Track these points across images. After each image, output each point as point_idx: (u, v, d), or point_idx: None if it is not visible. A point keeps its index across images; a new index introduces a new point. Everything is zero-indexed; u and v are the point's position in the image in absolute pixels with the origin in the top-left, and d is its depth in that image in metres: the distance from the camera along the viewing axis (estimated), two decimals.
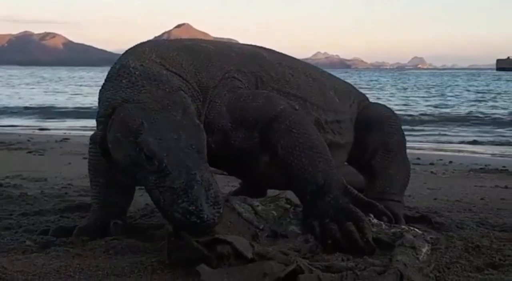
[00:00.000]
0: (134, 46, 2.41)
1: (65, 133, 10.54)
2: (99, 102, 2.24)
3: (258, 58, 2.64)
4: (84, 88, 31.41)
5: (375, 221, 2.16)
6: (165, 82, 2.15)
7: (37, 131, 11.24)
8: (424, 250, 1.98)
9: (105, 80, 2.26)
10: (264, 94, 2.42)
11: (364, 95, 3.27)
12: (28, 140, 8.15)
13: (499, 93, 28.02)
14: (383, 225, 2.15)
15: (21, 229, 2.56)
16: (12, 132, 10.42)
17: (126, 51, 2.37)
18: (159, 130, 1.98)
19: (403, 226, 2.19)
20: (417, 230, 2.14)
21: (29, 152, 6.66)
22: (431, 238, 2.08)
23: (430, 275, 1.91)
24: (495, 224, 2.93)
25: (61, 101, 21.76)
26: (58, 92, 28.13)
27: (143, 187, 3.93)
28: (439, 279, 1.92)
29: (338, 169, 2.75)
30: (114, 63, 2.30)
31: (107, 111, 2.13)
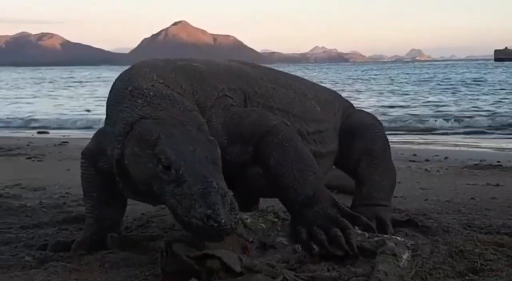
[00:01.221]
0: (133, 66, 2.47)
1: (64, 136, 10.63)
2: (111, 122, 2.31)
3: (244, 74, 2.73)
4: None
5: (359, 231, 2.24)
6: (179, 102, 2.25)
7: (36, 135, 11.34)
8: (404, 257, 2.06)
9: (115, 101, 2.32)
10: (257, 111, 2.55)
11: (349, 102, 3.35)
12: (28, 145, 8.23)
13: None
14: (367, 234, 2.23)
15: (20, 243, 2.64)
16: (11, 135, 10.48)
17: (129, 71, 2.42)
18: (175, 142, 2.07)
19: (385, 235, 2.27)
20: (398, 238, 2.22)
21: (28, 158, 6.74)
22: (411, 244, 2.16)
23: None
24: (482, 226, 3.01)
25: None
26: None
27: None
28: None
29: (326, 175, 2.85)
30: (117, 82, 2.38)
31: (126, 129, 2.20)
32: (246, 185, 2.67)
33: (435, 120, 13.43)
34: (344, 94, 3.58)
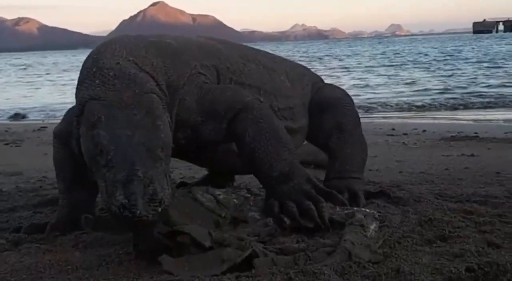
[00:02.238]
0: (103, 43, 2.43)
1: (43, 121, 10.56)
2: (76, 101, 2.30)
3: (215, 50, 2.71)
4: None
5: (331, 205, 2.28)
6: (138, 83, 2.20)
7: (14, 121, 11.25)
8: (372, 227, 2.11)
9: (80, 79, 2.30)
10: (231, 88, 2.56)
11: (319, 77, 3.37)
12: (6, 131, 8.18)
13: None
14: (337, 208, 2.27)
15: None
16: None
17: (98, 48, 2.38)
18: (114, 125, 2.05)
19: (355, 208, 2.31)
20: (367, 210, 2.26)
21: (6, 144, 6.71)
22: (379, 215, 2.20)
23: (378, 251, 2.02)
24: (453, 195, 3.06)
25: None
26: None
27: None
28: (387, 254, 2.04)
29: (297, 150, 2.87)
30: (86, 60, 2.34)
31: (80, 109, 2.21)
32: (220, 162, 2.70)
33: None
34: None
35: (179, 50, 2.53)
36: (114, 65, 2.24)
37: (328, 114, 3.02)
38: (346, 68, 25.32)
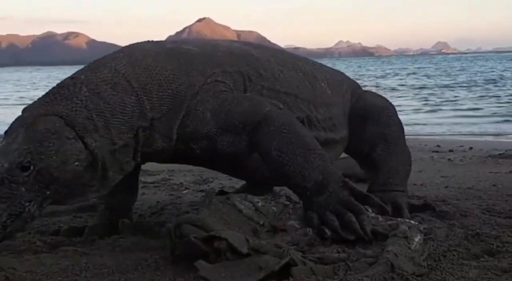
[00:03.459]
0: (114, 52, 2.43)
1: None
2: None
3: (246, 56, 2.63)
4: None
5: (372, 214, 2.20)
6: (52, 104, 2.15)
7: None
8: (416, 239, 2.02)
9: None
10: (248, 97, 2.44)
11: (356, 83, 3.27)
12: None
13: None
14: (380, 218, 2.18)
15: (33, 230, 2.65)
16: None
17: (104, 56, 2.40)
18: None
19: (399, 218, 2.23)
20: (411, 221, 2.18)
21: None
22: (424, 228, 2.11)
23: (422, 263, 1.94)
24: (501, 210, 2.95)
25: None
26: None
27: (156, 185, 4.03)
28: (432, 267, 1.96)
29: (334, 162, 2.79)
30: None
31: None
32: (247, 172, 2.64)
33: None
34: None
35: (196, 57, 2.45)
36: (68, 80, 2.24)
37: (372, 124, 2.92)
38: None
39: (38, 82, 40.54)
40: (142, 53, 2.36)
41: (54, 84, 2.28)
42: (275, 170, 2.31)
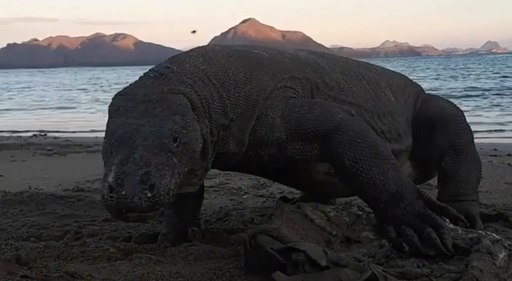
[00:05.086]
0: (186, 52, 2.39)
1: None
2: None
3: (312, 64, 2.59)
4: None
5: (451, 226, 2.14)
6: (170, 83, 2.09)
7: None
8: (501, 255, 1.95)
9: None
10: (318, 103, 2.38)
11: (419, 86, 3.16)
12: None
13: None
14: (460, 230, 2.12)
15: (104, 235, 2.68)
16: (88, 136, 10.67)
17: (174, 56, 2.33)
18: (129, 114, 1.97)
19: (480, 231, 2.16)
20: (494, 235, 2.11)
21: None
22: (509, 244, 2.04)
23: (508, 280, 1.88)
24: None
25: None
26: None
27: (216, 189, 4.04)
28: None
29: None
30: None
31: None
32: (313, 182, 2.59)
33: None
34: None
35: (266, 62, 2.41)
36: (163, 69, 2.16)
37: (441, 132, 2.81)
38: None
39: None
40: (215, 53, 2.33)
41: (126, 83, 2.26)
42: (348, 181, 2.28)
